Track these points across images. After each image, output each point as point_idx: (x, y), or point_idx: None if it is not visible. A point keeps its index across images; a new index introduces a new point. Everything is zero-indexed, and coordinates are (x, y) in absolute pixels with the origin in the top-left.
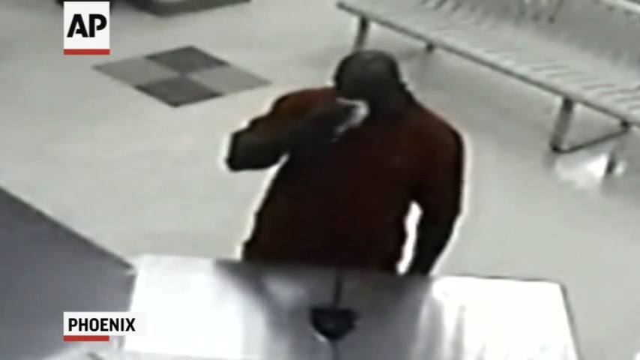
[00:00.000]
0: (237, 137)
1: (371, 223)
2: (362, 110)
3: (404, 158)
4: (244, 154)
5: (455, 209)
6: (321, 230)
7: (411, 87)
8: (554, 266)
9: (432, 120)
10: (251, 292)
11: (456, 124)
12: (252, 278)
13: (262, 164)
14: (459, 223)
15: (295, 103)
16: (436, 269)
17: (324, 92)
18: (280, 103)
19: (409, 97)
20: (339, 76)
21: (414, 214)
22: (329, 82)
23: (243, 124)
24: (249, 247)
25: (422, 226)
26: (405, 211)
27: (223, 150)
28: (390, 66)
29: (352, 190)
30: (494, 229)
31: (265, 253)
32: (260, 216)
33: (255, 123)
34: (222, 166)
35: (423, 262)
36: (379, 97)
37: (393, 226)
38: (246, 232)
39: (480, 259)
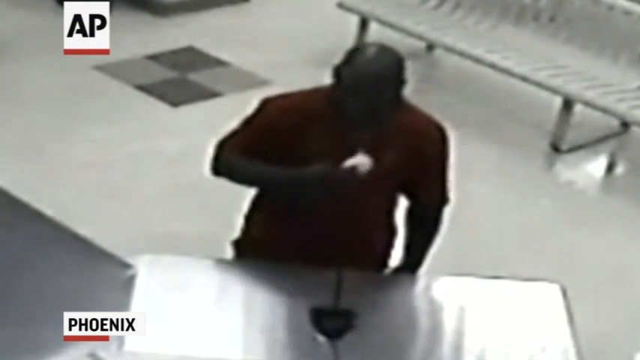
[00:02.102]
0: (221, 147)
1: (362, 219)
2: (366, 165)
3: (393, 156)
4: (232, 177)
5: (443, 200)
6: (313, 228)
7: (411, 87)
8: (554, 266)
9: (417, 115)
10: (251, 292)
11: (455, 124)
12: (252, 278)
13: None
14: (459, 224)
15: (282, 107)
16: (436, 269)
17: (311, 93)
18: (265, 106)
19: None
20: (340, 70)
21: (402, 207)
22: (329, 82)
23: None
24: (239, 245)
25: (411, 218)
26: (393, 204)
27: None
28: (397, 63)
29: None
30: (494, 229)
31: (256, 252)
32: (250, 214)
33: (244, 126)
34: None
35: (415, 255)
36: (382, 94)
37: (383, 221)
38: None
39: (480, 259)
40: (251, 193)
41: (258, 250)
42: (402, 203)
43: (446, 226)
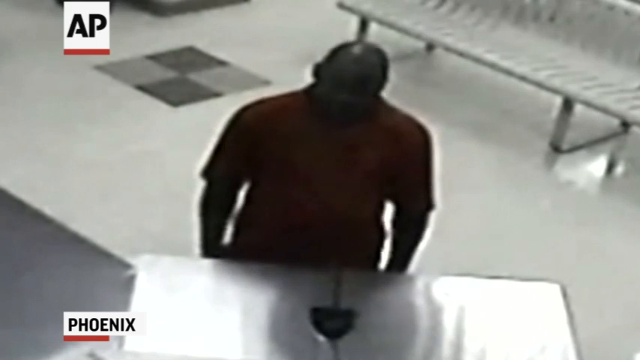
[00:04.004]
0: (206, 176)
1: (353, 222)
2: None
3: (376, 155)
4: (201, 218)
5: (428, 204)
6: (301, 229)
7: (411, 87)
8: (554, 266)
9: (401, 117)
10: (251, 292)
11: (456, 124)
12: (252, 278)
13: None
14: (459, 223)
15: (260, 113)
16: (436, 269)
17: (288, 96)
18: (243, 114)
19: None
20: (322, 68)
21: (388, 211)
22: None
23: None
24: (230, 248)
25: (396, 222)
26: (380, 208)
27: None
28: (381, 60)
29: (328, 189)
30: (494, 229)
31: (246, 256)
32: (239, 219)
33: (222, 144)
34: None
35: (400, 259)
36: (366, 91)
37: (372, 224)
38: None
39: (479, 259)
40: (241, 197)
41: (249, 255)
42: (389, 207)
43: (446, 226)
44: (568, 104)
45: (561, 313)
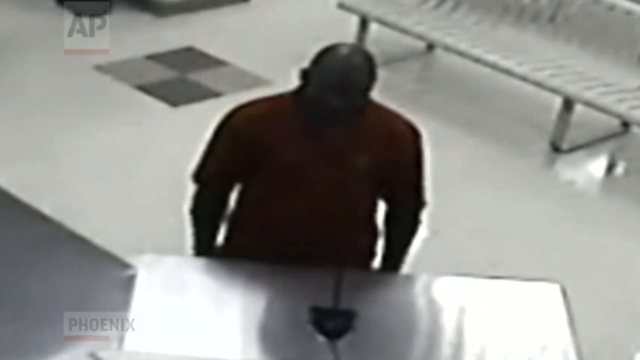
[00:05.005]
0: (197, 180)
1: (346, 223)
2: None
3: (369, 155)
4: (193, 221)
5: (420, 202)
6: (293, 230)
7: (411, 87)
8: (554, 266)
9: (391, 116)
10: (251, 292)
11: (455, 124)
12: (252, 278)
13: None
14: (459, 223)
15: (249, 115)
16: (436, 269)
17: (277, 98)
18: (233, 117)
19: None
20: (310, 71)
21: (381, 210)
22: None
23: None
24: (223, 250)
25: (389, 221)
26: (373, 207)
27: None
28: (369, 60)
29: (319, 191)
30: (494, 229)
31: (240, 256)
32: (232, 221)
33: (212, 146)
34: None
35: (393, 258)
36: (356, 90)
37: (365, 222)
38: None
39: (480, 260)
40: (233, 199)
41: (242, 257)
42: (381, 206)
43: (446, 225)
44: (568, 104)
45: (561, 313)
